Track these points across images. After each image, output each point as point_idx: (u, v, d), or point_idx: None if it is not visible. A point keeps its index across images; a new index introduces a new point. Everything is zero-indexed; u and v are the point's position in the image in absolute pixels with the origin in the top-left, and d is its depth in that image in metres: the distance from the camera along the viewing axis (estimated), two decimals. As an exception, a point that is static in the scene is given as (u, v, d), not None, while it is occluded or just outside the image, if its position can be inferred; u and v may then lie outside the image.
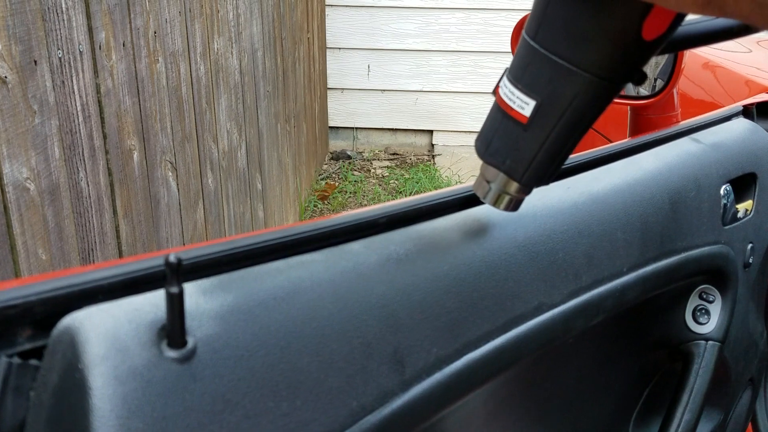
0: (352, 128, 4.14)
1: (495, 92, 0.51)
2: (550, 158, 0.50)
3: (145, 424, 0.35)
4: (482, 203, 0.63)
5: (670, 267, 0.76)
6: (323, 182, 3.74)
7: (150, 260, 0.42)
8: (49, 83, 1.11)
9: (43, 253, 1.11)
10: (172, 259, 0.36)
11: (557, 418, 0.80)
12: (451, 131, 4.07)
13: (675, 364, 0.91)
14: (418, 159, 4.08)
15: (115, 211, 1.36)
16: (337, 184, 3.72)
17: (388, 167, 3.96)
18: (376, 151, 4.14)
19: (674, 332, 0.87)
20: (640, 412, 0.93)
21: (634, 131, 1.01)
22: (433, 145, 4.14)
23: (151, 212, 1.54)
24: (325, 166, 3.95)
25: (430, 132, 4.13)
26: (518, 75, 0.48)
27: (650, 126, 0.99)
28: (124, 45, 1.39)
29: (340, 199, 3.57)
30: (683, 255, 0.78)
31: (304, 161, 3.40)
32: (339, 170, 3.90)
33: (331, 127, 4.13)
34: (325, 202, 3.53)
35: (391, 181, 3.77)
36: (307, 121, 3.43)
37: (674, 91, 0.99)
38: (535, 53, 0.46)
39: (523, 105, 0.48)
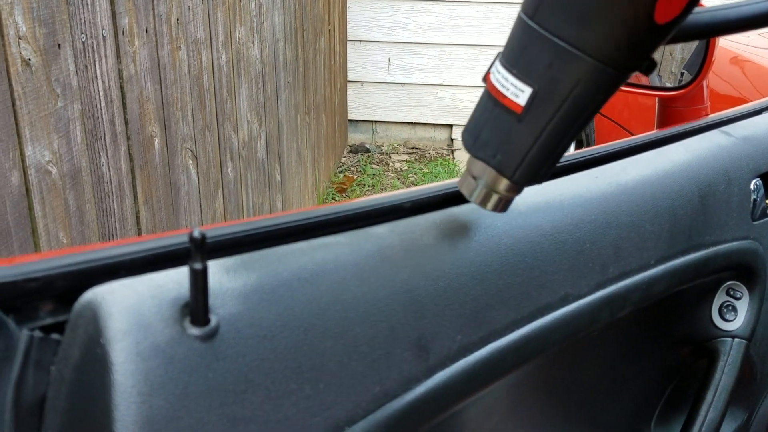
0: (372, 121, 4.13)
1: (486, 79, 0.46)
2: (545, 153, 0.45)
3: (167, 402, 0.34)
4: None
5: (698, 261, 0.74)
6: (341, 175, 3.73)
7: (173, 238, 0.42)
8: (72, 67, 1.11)
9: (64, 237, 1.11)
10: (196, 234, 0.35)
11: (578, 413, 0.79)
12: (471, 126, 4.05)
13: (699, 361, 0.89)
14: (437, 153, 4.06)
15: (135, 197, 1.37)
16: (355, 177, 3.72)
17: (406, 161, 3.94)
18: (395, 145, 4.13)
19: (700, 328, 0.86)
20: (663, 409, 0.92)
21: (662, 123, 0.99)
22: (452, 140, 4.12)
23: (171, 199, 1.54)
24: (343, 159, 3.95)
25: (450, 126, 4.11)
26: (513, 59, 0.43)
27: (679, 118, 0.98)
28: (147, 31, 1.38)
29: (358, 192, 3.57)
30: (711, 249, 0.76)
31: (323, 153, 3.40)
32: (357, 163, 3.89)
33: (350, 120, 4.12)
34: (343, 194, 3.52)
35: (409, 175, 3.76)
36: (326, 113, 3.43)
37: (704, 83, 0.97)
38: (533, 34, 0.41)
39: (518, 93, 0.43)
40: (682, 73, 1.06)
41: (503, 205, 0.49)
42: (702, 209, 0.75)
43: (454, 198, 0.58)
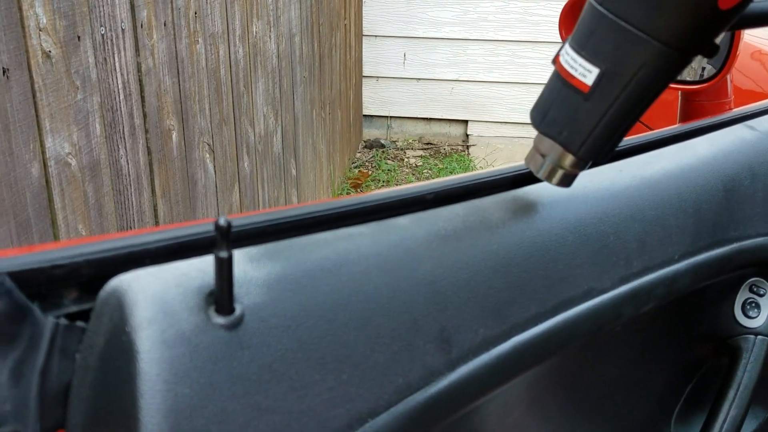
0: (387, 117, 4.13)
1: (555, 60, 0.49)
2: (609, 131, 0.48)
3: (192, 390, 0.34)
4: (531, 183, 0.61)
5: (722, 257, 0.73)
6: (356, 170, 3.73)
7: (197, 227, 0.42)
8: (91, 59, 1.11)
9: (83, 229, 1.12)
10: (222, 222, 0.35)
11: (598, 409, 0.78)
12: (487, 121, 4.03)
13: (721, 358, 0.88)
14: (452, 149, 4.05)
15: (153, 191, 1.37)
16: (370, 172, 3.71)
17: (421, 157, 3.93)
18: (410, 141, 4.13)
19: (722, 325, 0.85)
20: (683, 406, 0.91)
21: (685, 117, 0.98)
22: (467, 135, 4.11)
23: (189, 193, 1.55)
24: (358, 155, 3.94)
25: (465, 122, 4.09)
26: (582, 42, 0.46)
27: (702, 112, 0.96)
28: (165, 24, 1.39)
29: (373, 187, 3.57)
30: (736, 245, 0.75)
31: (338, 149, 3.40)
32: (372, 159, 3.89)
33: (365, 116, 4.12)
34: (358, 190, 3.52)
35: (424, 171, 3.75)
36: (341, 108, 3.43)
37: (728, 77, 0.96)
38: (602, 18, 0.44)
39: (585, 73, 0.46)
40: (703, 68, 1.05)
41: (568, 181, 0.53)
42: (726, 204, 0.74)
43: (476, 190, 0.58)
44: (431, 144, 4.09)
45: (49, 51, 1.00)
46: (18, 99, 0.94)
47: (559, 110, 0.48)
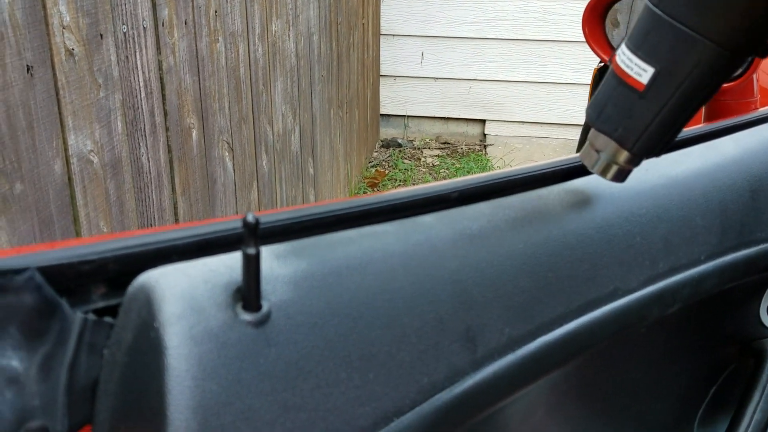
0: (404, 116, 4.12)
1: (612, 60, 0.51)
2: (663, 128, 0.49)
3: (220, 387, 0.34)
4: (556, 182, 0.60)
5: (749, 258, 0.72)
6: (373, 169, 3.73)
7: (223, 224, 0.41)
8: (113, 57, 1.12)
9: (105, 226, 1.13)
10: (250, 219, 0.35)
11: (620, 412, 0.78)
12: (505, 121, 4.01)
13: (745, 361, 0.87)
14: (470, 148, 4.04)
15: (173, 188, 1.38)
16: (387, 171, 3.71)
17: (438, 156, 3.93)
18: (427, 140, 4.12)
19: (747, 328, 0.84)
20: (707, 409, 0.89)
21: (711, 116, 0.96)
22: (485, 135, 4.09)
23: (208, 191, 1.55)
24: (375, 154, 3.94)
25: (483, 121, 4.07)
26: (638, 42, 0.47)
27: (727, 111, 0.95)
28: (186, 23, 1.39)
29: (389, 186, 3.56)
30: (762, 246, 0.74)
31: (355, 148, 3.40)
32: (389, 158, 3.89)
33: (382, 115, 4.11)
34: (375, 189, 3.52)
35: (441, 170, 3.75)
36: (359, 107, 3.43)
37: (754, 76, 0.94)
38: (658, 20, 0.46)
39: (641, 72, 0.47)
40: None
41: (622, 176, 0.54)
42: (753, 204, 0.73)
43: (501, 189, 0.57)
44: (448, 143, 4.08)
45: (72, 49, 1.01)
46: (41, 96, 0.95)
47: (614, 108, 0.50)
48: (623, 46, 0.49)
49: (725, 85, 0.95)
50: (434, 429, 0.46)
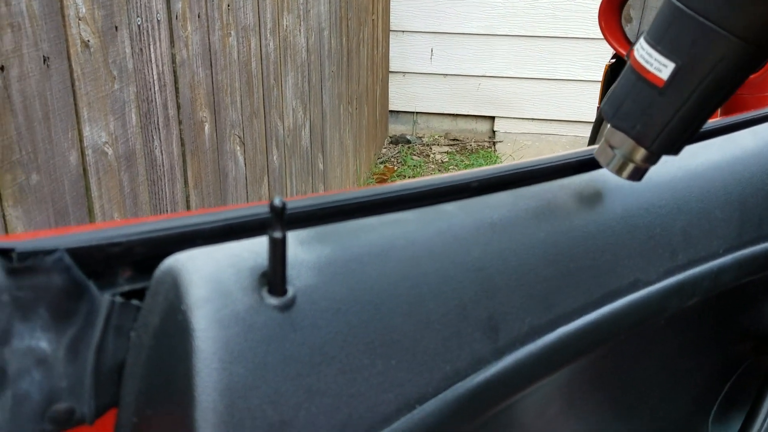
0: (413, 113, 4.12)
1: (630, 55, 0.49)
2: (683, 126, 0.48)
3: (247, 370, 0.34)
4: (577, 173, 0.60)
5: (767, 252, 0.72)
6: (382, 166, 3.73)
7: (248, 209, 0.41)
8: (128, 50, 1.12)
9: (119, 218, 1.13)
10: (277, 203, 0.34)
11: (635, 407, 0.77)
12: (514, 118, 4.00)
13: (761, 357, 0.86)
14: (479, 145, 4.03)
15: (186, 182, 1.38)
16: (395, 168, 3.71)
17: (447, 153, 3.92)
18: (436, 137, 4.11)
19: (764, 323, 0.83)
20: (721, 405, 0.89)
21: (728, 110, 0.96)
22: (494, 132, 4.08)
23: (220, 185, 1.56)
24: (384, 150, 3.94)
25: (492, 118, 4.07)
26: (658, 36, 0.46)
27: (744, 105, 0.95)
28: (199, 16, 1.39)
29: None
30: None
31: (364, 144, 3.40)
32: (398, 154, 3.89)
33: (391, 111, 4.11)
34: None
35: (450, 167, 3.74)
36: (368, 103, 3.43)
37: (771, 70, 0.94)
38: (679, 13, 0.44)
39: (661, 67, 0.46)
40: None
41: (638, 175, 0.52)
42: None
43: (522, 178, 0.57)
44: (457, 140, 4.08)
45: (88, 40, 1.01)
46: (57, 87, 0.95)
47: (632, 104, 0.48)
48: (642, 41, 0.48)
49: (743, 78, 0.94)
50: (456, 418, 0.45)
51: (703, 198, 0.65)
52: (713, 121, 0.77)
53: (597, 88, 3.00)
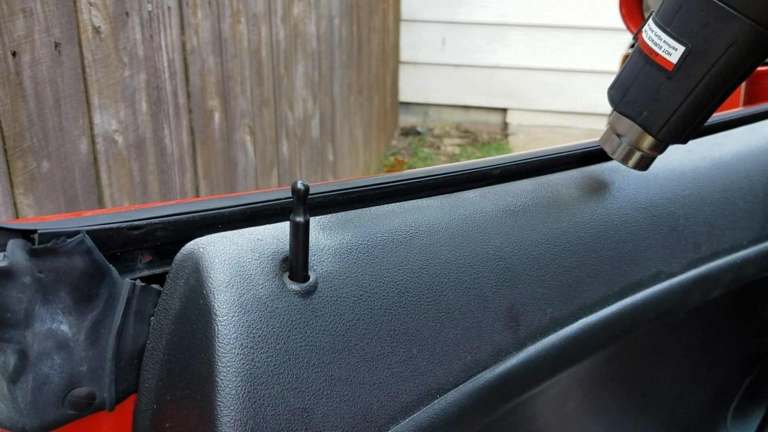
0: (423, 104, 4.09)
1: (637, 37, 0.47)
2: (692, 113, 0.46)
3: (269, 356, 0.33)
4: (600, 161, 0.59)
5: None
6: (392, 157, 3.71)
7: (269, 194, 0.41)
8: (138, 36, 1.11)
9: (129, 206, 1.12)
10: (299, 186, 0.34)
11: (655, 401, 0.76)
12: (527, 110, 3.97)
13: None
14: (491, 137, 4.01)
15: (195, 171, 1.37)
16: (406, 160, 3.70)
17: (459, 145, 3.90)
18: (447, 128, 4.09)
19: None
20: (741, 400, 0.88)
21: (750, 100, 0.94)
22: (506, 124, 4.06)
23: (229, 175, 1.55)
24: (394, 142, 3.92)
25: (504, 110, 4.04)
26: (668, 18, 0.44)
27: (766, 95, 0.93)
28: (209, 3, 1.38)
29: (408, 174, 3.54)
30: None
31: (374, 135, 3.38)
32: (408, 146, 3.87)
33: (401, 102, 4.09)
34: (393, 176, 3.50)
35: (461, 159, 3.72)
36: (378, 94, 3.41)
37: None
38: None
39: (671, 51, 0.44)
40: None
41: (645, 164, 0.51)
42: None
43: (544, 166, 0.56)
44: (469, 132, 4.05)
45: (99, 26, 1.00)
46: (69, 74, 0.94)
47: (639, 89, 0.47)
48: (650, 22, 0.46)
49: (765, 67, 0.93)
50: (476, 409, 0.45)
51: (726, 188, 0.64)
52: (737, 111, 0.75)
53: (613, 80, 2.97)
